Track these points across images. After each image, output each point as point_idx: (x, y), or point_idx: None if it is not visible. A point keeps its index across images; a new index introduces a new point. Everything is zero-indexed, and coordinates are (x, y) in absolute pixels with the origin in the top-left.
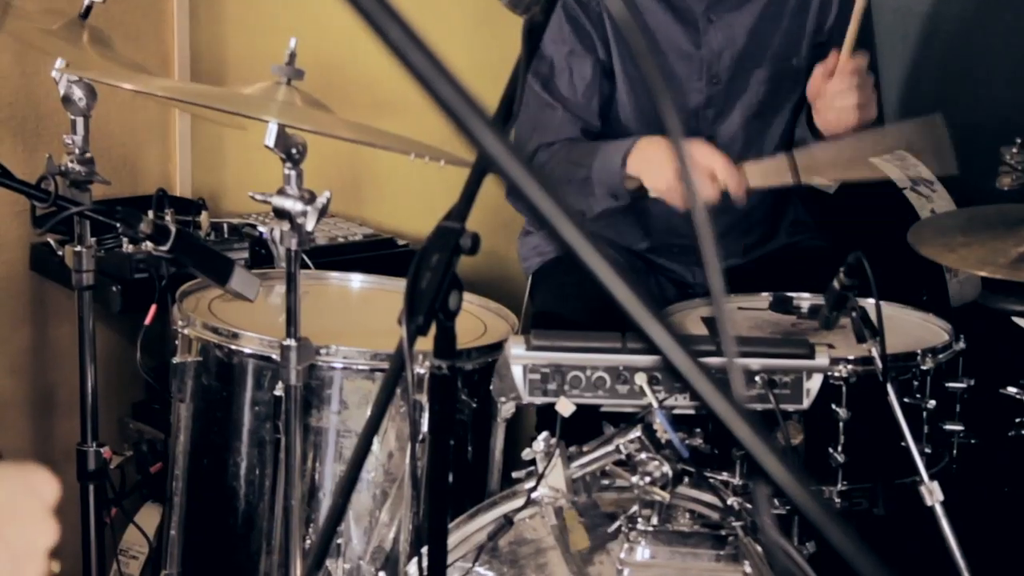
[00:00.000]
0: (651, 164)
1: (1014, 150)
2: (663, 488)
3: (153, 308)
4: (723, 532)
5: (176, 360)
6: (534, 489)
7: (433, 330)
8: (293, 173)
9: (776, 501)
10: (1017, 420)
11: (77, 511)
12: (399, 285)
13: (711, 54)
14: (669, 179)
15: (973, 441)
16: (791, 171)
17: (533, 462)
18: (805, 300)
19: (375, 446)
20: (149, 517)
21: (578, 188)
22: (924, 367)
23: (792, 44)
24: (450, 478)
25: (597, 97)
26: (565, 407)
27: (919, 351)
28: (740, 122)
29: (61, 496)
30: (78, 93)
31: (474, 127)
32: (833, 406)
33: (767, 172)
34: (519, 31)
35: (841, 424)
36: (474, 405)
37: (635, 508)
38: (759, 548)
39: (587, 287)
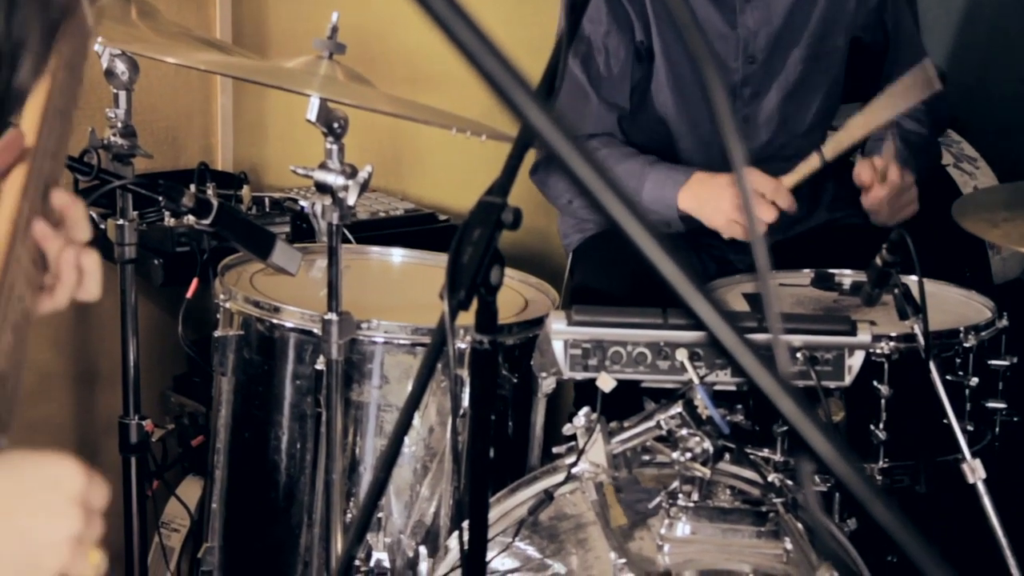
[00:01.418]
0: (707, 203)
1: None
2: (704, 464)
3: (195, 282)
4: (764, 508)
5: (218, 334)
6: (575, 464)
7: (474, 305)
8: (335, 147)
9: (817, 478)
10: None
11: (119, 484)
12: (440, 260)
13: (747, 33)
14: (727, 213)
15: (1015, 419)
16: (819, 158)
17: (574, 437)
18: (847, 277)
19: (416, 421)
20: (191, 490)
21: None
22: (967, 344)
23: (830, 24)
24: (491, 453)
25: (630, 79)
26: (606, 382)
27: (962, 328)
28: (777, 101)
29: (88, 483)
30: (121, 67)
31: (518, 99)
32: (875, 383)
33: (800, 170)
34: (559, 8)
35: (883, 401)
36: (515, 380)
37: (676, 484)
38: (800, 525)
39: (627, 263)
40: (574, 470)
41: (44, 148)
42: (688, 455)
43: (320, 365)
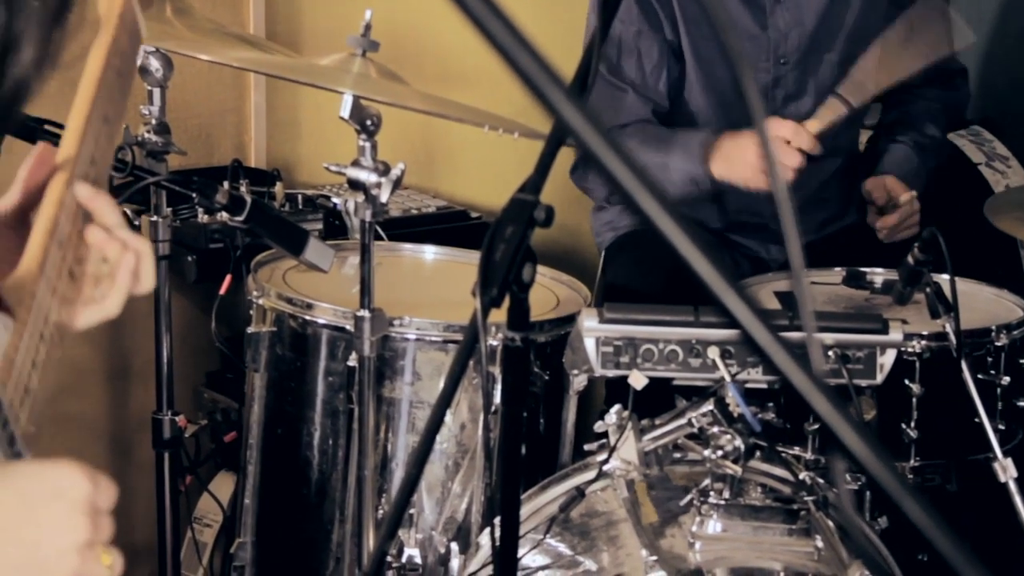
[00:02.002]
0: (733, 161)
1: None
2: (735, 462)
3: (228, 278)
4: (795, 506)
5: (250, 330)
6: (606, 461)
7: (506, 302)
8: (368, 145)
9: (848, 476)
10: None
11: (152, 479)
12: (472, 257)
13: (778, 35)
14: (752, 165)
15: None
16: (843, 103)
17: (605, 435)
18: (879, 275)
19: (448, 417)
20: (223, 485)
21: (656, 173)
22: (998, 343)
23: (864, 29)
24: (522, 450)
25: (665, 78)
26: (638, 380)
27: (993, 327)
28: (812, 105)
29: (93, 488)
30: (155, 64)
31: (553, 97)
32: (906, 382)
33: (824, 115)
34: (589, 6)
35: (914, 400)
36: (546, 377)
37: (707, 481)
38: (831, 523)
39: (660, 262)
40: (605, 467)
41: (85, 155)
42: (719, 453)
43: (352, 362)
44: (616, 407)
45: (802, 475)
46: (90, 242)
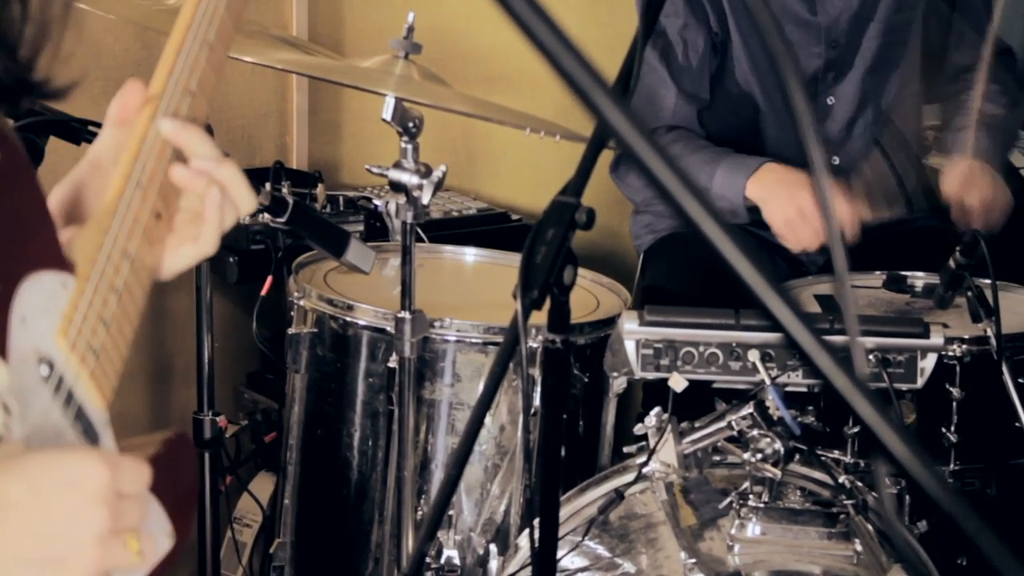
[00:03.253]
0: (774, 197)
1: None
2: (774, 465)
3: (269, 279)
4: (834, 510)
5: (291, 331)
6: (645, 464)
7: (547, 304)
8: (409, 147)
9: (888, 480)
10: None
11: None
12: (512, 259)
13: (829, 19)
14: (788, 215)
15: None
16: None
17: (644, 437)
18: (920, 279)
19: (487, 419)
20: (263, 486)
21: None
22: None
23: None
24: (562, 452)
25: (707, 70)
26: (677, 382)
27: None
28: (857, 80)
29: (113, 475)
30: None
31: (597, 99)
32: (947, 386)
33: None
34: (634, 5)
35: (955, 404)
36: (586, 380)
37: (746, 485)
38: (870, 526)
39: (699, 264)
40: (645, 470)
41: (176, 87)
42: (759, 456)
43: (393, 363)
44: (656, 410)
45: (841, 479)
46: (173, 180)
